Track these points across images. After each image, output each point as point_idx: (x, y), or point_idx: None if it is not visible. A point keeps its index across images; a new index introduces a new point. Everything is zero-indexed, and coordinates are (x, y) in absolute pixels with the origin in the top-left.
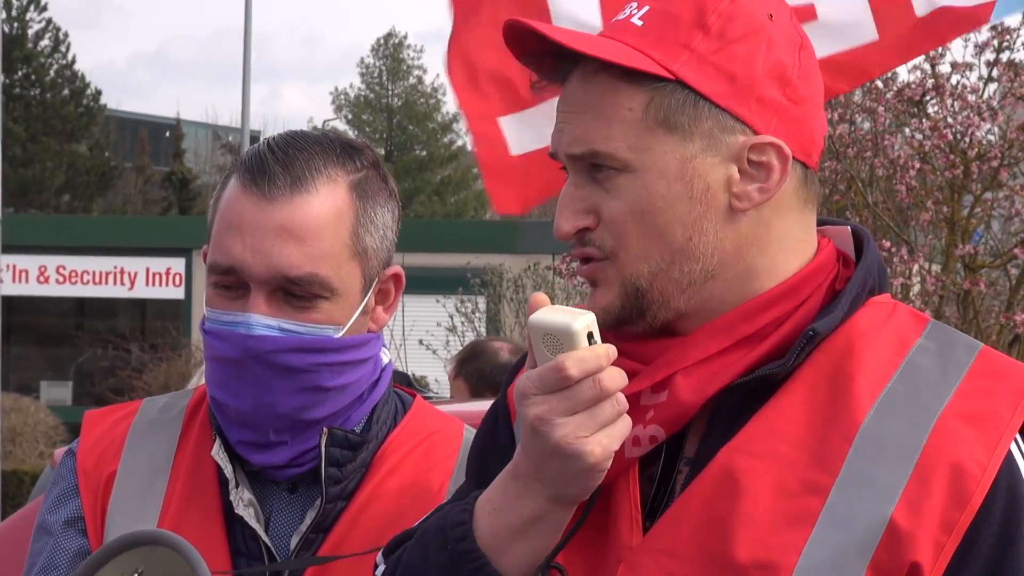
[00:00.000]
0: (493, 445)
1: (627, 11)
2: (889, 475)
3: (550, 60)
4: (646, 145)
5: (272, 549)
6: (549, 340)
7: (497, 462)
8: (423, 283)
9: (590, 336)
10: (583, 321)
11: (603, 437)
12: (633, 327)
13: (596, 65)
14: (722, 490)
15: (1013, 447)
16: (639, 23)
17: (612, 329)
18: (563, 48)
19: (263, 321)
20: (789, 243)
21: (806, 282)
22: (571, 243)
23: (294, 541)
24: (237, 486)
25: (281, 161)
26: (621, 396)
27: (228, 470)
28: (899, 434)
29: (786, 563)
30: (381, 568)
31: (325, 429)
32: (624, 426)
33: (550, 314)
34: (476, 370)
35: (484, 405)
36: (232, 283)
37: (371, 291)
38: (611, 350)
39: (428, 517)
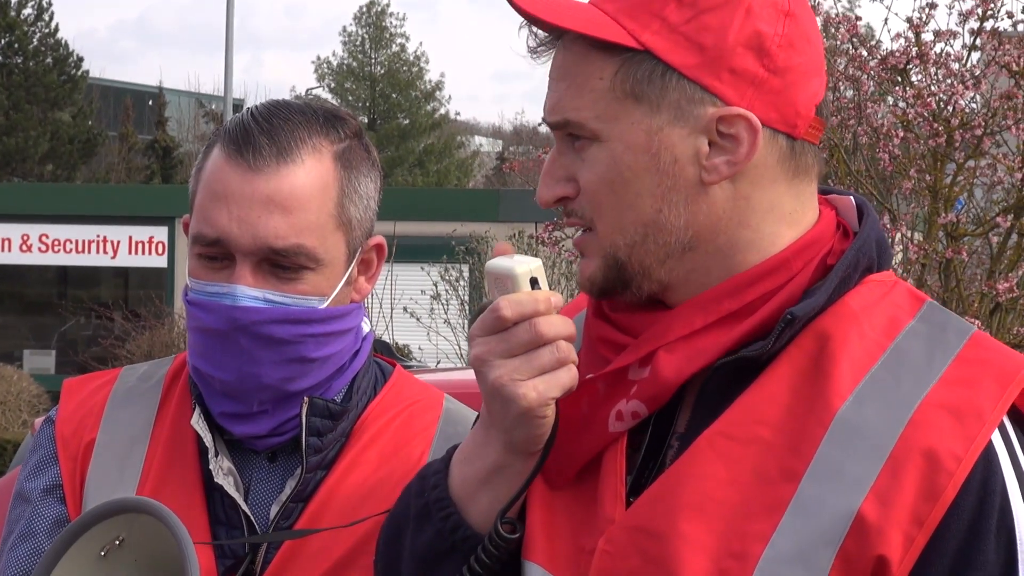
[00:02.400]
0: None
1: None
2: (860, 465)
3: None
4: (614, 115)
5: (252, 518)
6: (498, 284)
7: None
8: (408, 251)
9: (534, 282)
10: (526, 265)
11: (539, 383)
12: (621, 297)
13: (574, 33)
14: (700, 473)
15: (995, 438)
16: None
17: (600, 299)
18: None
19: (249, 292)
20: (777, 215)
21: (797, 256)
22: (558, 211)
23: (274, 511)
24: (216, 455)
25: (266, 131)
26: (564, 345)
27: (208, 439)
28: (875, 423)
29: (753, 552)
30: None
31: (306, 399)
32: (567, 376)
33: (502, 260)
34: None
35: (464, 375)
36: (217, 254)
37: (355, 261)
38: (554, 297)
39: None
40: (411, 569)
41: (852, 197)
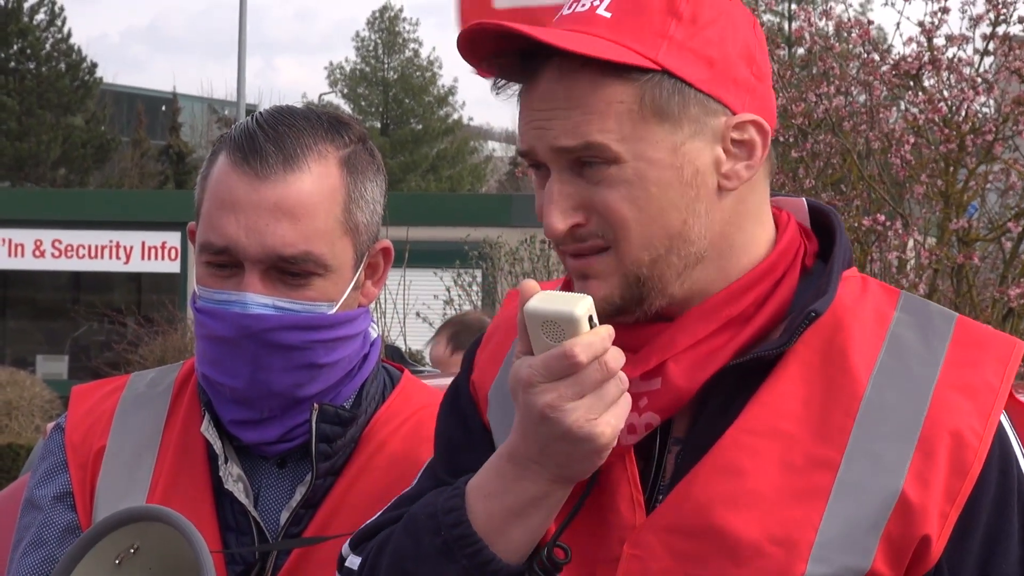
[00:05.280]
0: (464, 437)
1: (586, 1)
2: (895, 448)
3: (512, 59)
4: (639, 136)
5: (262, 524)
6: (549, 327)
7: (470, 451)
8: (421, 257)
9: (590, 320)
10: (584, 306)
11: (611, 418)
12: (629, 317)
13: (576, 61)
14: (728, 468)
15: (1001, 416)
16: (607, 15)
17: (609, 319)
18: (539, 47)
19: (258, 300)
20: (757, 216)
21: (781, 259)
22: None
23: (284, 516)
24: (226, 462)
25: (272, 138)
26: (623, 374)
27: (218, 446)
28: (899, 407)
29: (804, 539)
30: (353, 559)
31: (316, 405)
32: (626, 404)
33: (547, 301)
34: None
35: None
36: (225, 262)
37: (362, 266)
38: (611, 330)
39: (397, 505)
40: None
41: (804, 200)
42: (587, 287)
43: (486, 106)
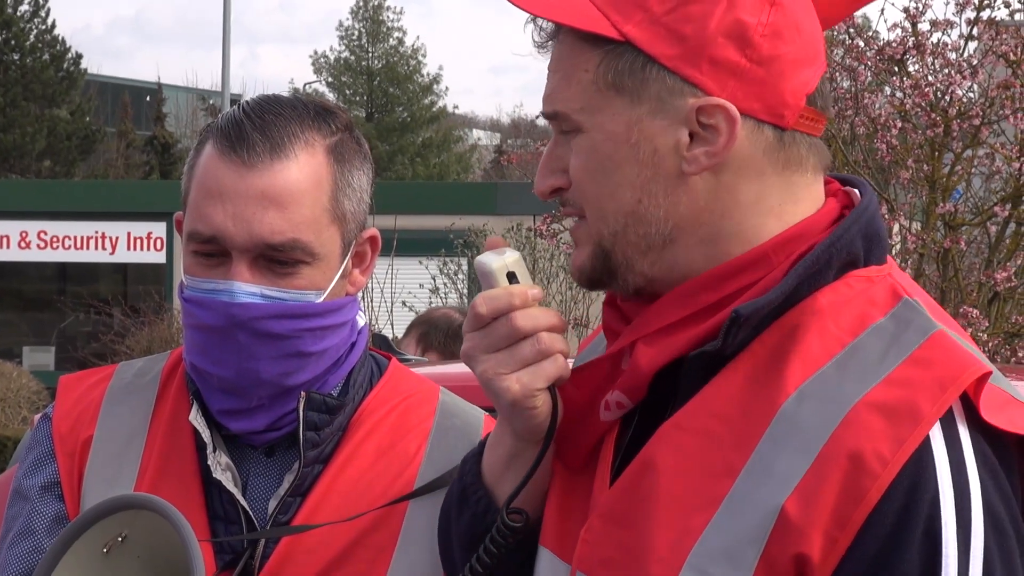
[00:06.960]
0: None
1: None
2: (792, 463)
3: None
4: (597, 107)
5: (250, 513)
6: (483, 280)
7: None
8: (406, 245)
9: (511, 276)
10: (501, 260)
11: (524, 375)
12: (610, 289)
13: (567, 26)
14: (655, 464)
15: (937, 443)
16: None
17: (592, 290)
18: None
19: (246, 288)
20: (763, 207)
21: (779, 249)
22: (555, 203)
23: (272, 505)
24: (215, 450)
25: (259, 127)
26: (547, 336)
27: (206, 435)
28: (811, 421)
29: (684, 546)
30: None
31: (303, 393)
32: (552, 367)
33: (484, 255)
34: (439, 336)
35: (460, 368)
36: (213, 251)
37: (349, 254)
38: (532, 291)
39: None
40: (459, 552)
41: (858, 189)
42: (573, 255)
43: (470, 95)
